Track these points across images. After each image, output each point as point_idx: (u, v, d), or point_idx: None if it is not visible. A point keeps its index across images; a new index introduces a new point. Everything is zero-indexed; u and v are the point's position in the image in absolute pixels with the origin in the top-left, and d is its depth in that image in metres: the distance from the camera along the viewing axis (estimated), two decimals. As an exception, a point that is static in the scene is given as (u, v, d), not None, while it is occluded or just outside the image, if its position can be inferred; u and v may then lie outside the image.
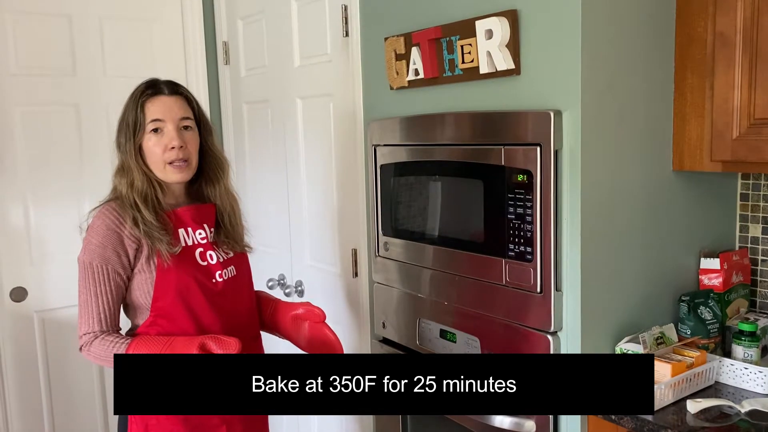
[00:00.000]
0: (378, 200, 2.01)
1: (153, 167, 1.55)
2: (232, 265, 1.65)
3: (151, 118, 1.53)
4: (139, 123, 1.53)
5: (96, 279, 1.50)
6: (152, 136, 1.53)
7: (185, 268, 1.54)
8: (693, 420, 1.37)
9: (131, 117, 1.53)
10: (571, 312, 1.51)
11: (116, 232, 1.50)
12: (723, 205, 1.80)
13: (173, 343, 1.43)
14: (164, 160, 1.54)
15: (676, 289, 1.69)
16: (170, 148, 1.53)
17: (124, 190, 1.54)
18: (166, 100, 1.56)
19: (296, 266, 2.54)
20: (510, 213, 1.57)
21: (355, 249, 2.20)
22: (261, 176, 2.71)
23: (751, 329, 1.56)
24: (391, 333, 2.06)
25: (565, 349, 1.52)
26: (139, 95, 1.56)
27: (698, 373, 1.48)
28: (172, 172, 1.56)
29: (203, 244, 1.60)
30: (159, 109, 1.54)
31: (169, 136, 1.53)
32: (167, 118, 1.54)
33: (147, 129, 1.53)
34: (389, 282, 2.02)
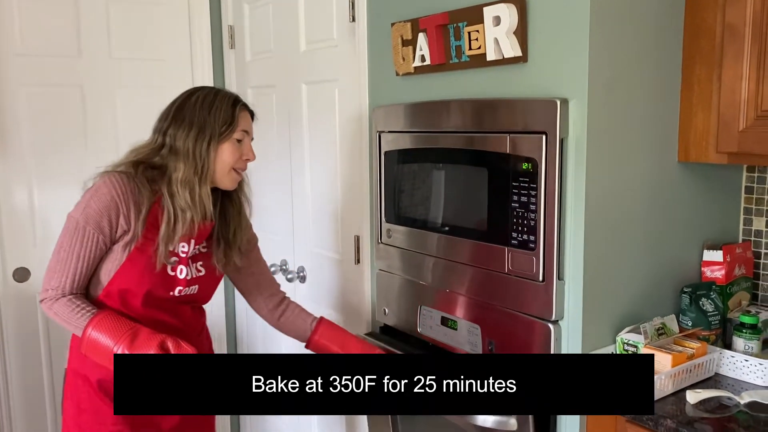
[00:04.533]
0: (381, 187, 2.01)
1: (215, 168, 1.58)
2: (197, 284, 1.65)
3: (243, 128, 1.60)
4: (232, 126, 1.57)
5: (83, 242, 1.51)
6: (234, 143, 1.59)
7: (150, 272, 1.55)
8: (692, 410, 1.37)
9: (224, 117, 1.56)
10: (572, 301, 1.51)
11: (118, 205, 1.50)
12: (727, 198, 1.80)
13: (137, 332, 1.44)
14: (233, 165, 1.60)
15: (679, 281, 1.69)
16: (244, 159, 1.62)
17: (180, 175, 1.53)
18: (250, 118, 1.66)
19: (299, 252, 2.54)
20: (514, 201, 1.57)
21: (357, 236, 2.20)
22: (265, 162, 2.70)
23: (752, 321, 1.56)
24: (392, 320, 2.06)
25: (566, 337, 1.52)
26: (234, 102, 1.60)
27: (698, 364, 1.49)
28: (231, 179, 1.62)
29: (181, 257, 1.60)
30: (248, 122, 1.64)
31: (248, 148, 1.63)
32: (250, 133, 1.65)
33: (235, 135, 1.58)
34: (391, 269, 2.03)
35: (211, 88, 1.65)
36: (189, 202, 1.53)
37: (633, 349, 1.51)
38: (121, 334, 1.43)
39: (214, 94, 1.60)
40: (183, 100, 1.60)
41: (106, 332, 1.44)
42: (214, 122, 1.55)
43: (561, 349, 1.53)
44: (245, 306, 2.96)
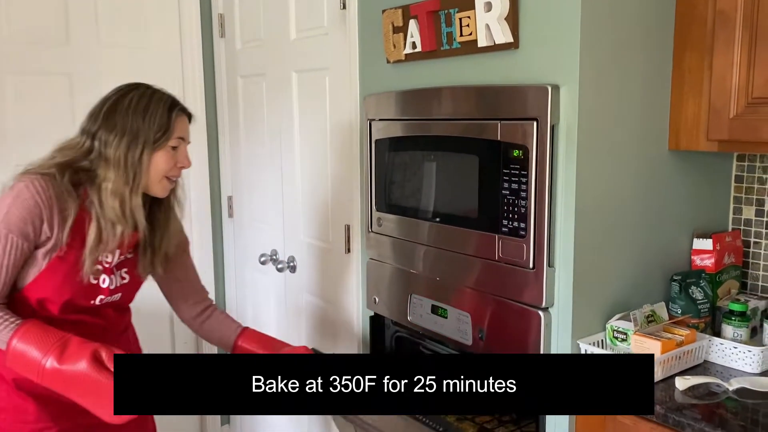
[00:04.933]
0: (372, 176, 2.00)
1: (147, 177, 1.48)
2: (120, 292, 1.57)
3: (179, 134, 1.50)
4: (168, 134, 1.47)
5: (6, 251, 1.39)
6: (169, 150, 1.49)
7: (71, 282, 1.45)
8: (681, 397, 1.38)
9: (159, 123, 1.46)
10: (563, 288, 1.51)
11: (41, 211, 1.39)
12: (717, 187, 1.80)
13: (67, 343, 1.32)
14: (166, 173, 1.50)
15: (668, 269, 1.69)
16: (179, 167, 1.52)
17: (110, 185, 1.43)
18: (187, 122, 1.56)
19: (289, 242, 2.53)
20: (504, 189, 1.56)
21: (348, 225, 2.19)
22: (255, 151, 2.69)
23: (741, 309, 1.56)
24: (382, 309, 2.06)
25: (556, 325, 1.52)
26: (170, 106, 1.50)
27: (688, 351, 1.49)
28: (163, 187, 1.52)
29: (105, 267, 1.51)
30: (184, 128, 1.53)
31: (183, 154, 1.53)
32: (187, 139, 1.54)
33: (170, 143, 1.48)
34: (382, 258, 2.02)
35: (146, 88, 1.51)
36: (119, 215, 1.43)
37: (623, 336, 1.51)
38: (50, 345, 1.31)
39: (149, 97, 1.48)
40: (115, 101, 1.47)
41: (33, 344, 1.32)
42: (148, 129, 1.44)
43: (551, 337, 1.53)
44: (235, 296, 2.95)
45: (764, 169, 1.75)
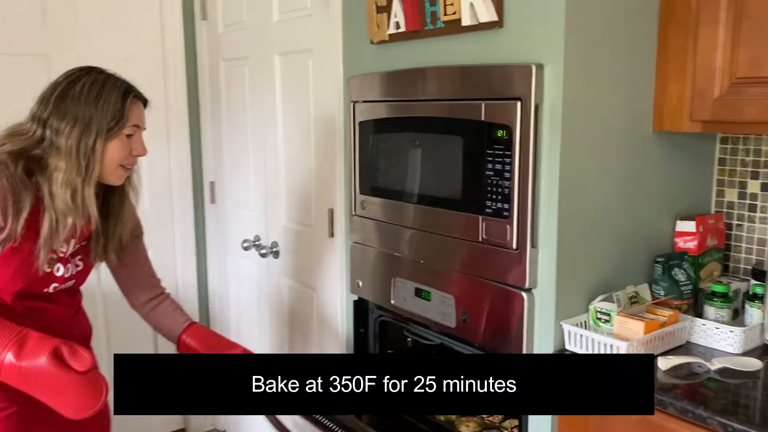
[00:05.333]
0: (356, 158, 1.98)
1: (101, 167, 1.42)
2: (75, 279, 1.54)
3: (134, 122, 1.44)
4: (122, 122, 1.41)
5: None
6: (124, 139, 1.43)
7: (25, 272, 1.41)
8: (664, 377, 1.38)
9: (113, 111, 1.39)
10: (546, 269, 1.50)
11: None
12: (701, 169, 1.80)
13: (26, 338, 1.26)
14: (121, 162, 1.45)
15: (652, 251, 1.69)
16: (134, 155, 1.47)
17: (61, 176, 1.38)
18: (143, 108, 1.49)
19: (272, 227, 2.51)
20: (488, 169, 1.55)
21: (331, 209, 2.17)
22: (238, 136, 2.66)
23: (723, 290, 1.56)
24: (366, 293, 2.04)
25: (540, 306, 1.51)
26: (124, 92, 1.43)
27: (670, 332, 1.49)
28: (118, 176, 1.47)
29: (60, 257, 1.48)
30: (139, 114, 1.47)
31: (138, 142, 1.47)
32: (142, 126, 1.48)
33: (124, 131, 1.42)
34: (365, 241, 2.00)
35: (98, 72, 1.43)
36: (70, 205, 1.38)
37: (606, 317, 1.50)
38: (7, 340, 1.25)
39: (101, 83, 1.40)
40: (66, 87, 1.40)
41: None
42: (101, 118, 1.38)
43: (534, 318, 1.52)
44: (218, 283, 2.92)
45: (747, 151, 1.75)
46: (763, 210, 1.74)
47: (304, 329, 2.39)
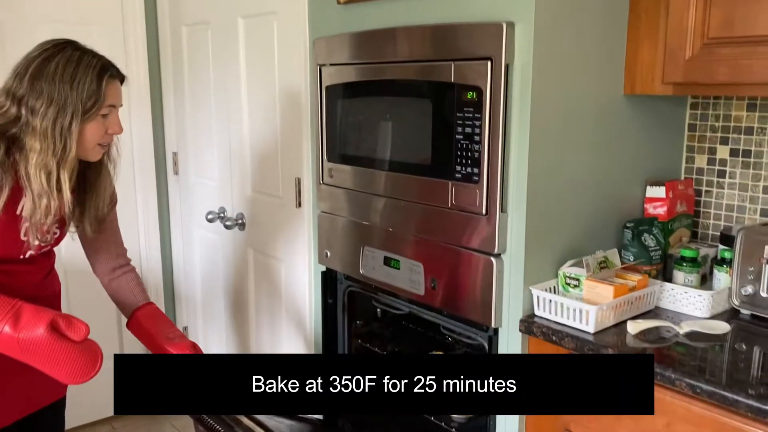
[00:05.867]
0: (323, 124, 1.92)
1: (77, 147, 1.40)
2: (50, 246, 1.53)
3: (110, 102, 1.42)
4: (98, 104, 1.38)
5: None
6: (99, 119, 1.40)
7: (4, 242, 1.41)
8: (633, 341, 1.37)
9: (89, 92, 1.37)
10: (515, 234, 1.47)
11: None
12: (671, 135, 1.79)
13: (20, 311, 1.29)
14: (98, 141, 1.43)
15: (621, 216, 1.68)
16: (110, 133, 1.45)
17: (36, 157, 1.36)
18: (120, 86, 1.46)
19: (237, 198, 2.44)
20: (458, 133, 1.51)
21: (298, 178, 2.11)
22: (201, 105, 2.58)
23: (692, 255, 1.56)
24: (334, 263, 2.00)
25: (509, 271, 1.49)
26: (100, 71, 1.39)
27: (639, 296, 1.48)
28: (96, 153, 1.45)
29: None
30: (116, 93, 1.44)
31: (114, 121, 1.44)
32: (118, 105, 1.46)
33: (101, 112, 1.40)
34: (333, 210, 1.95)
35: (74, 49, 1.39)
36: (45, 188, 1.37)
37: (575, 282, 1.49)
38: (3, 314, 1.27)
39: (76, 62, 1.37)
40: (40, 64, 1.36)
41: None
42: (77, 98, 1.36)
43: (503, 283, 1.50)
44: (182, 256, 2.85)
45: (717, 116, 1.74)
46: (731, 176, 1.74)
47: (272, 302, 2.34)
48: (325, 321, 2.08)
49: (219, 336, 2.69)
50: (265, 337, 2.41)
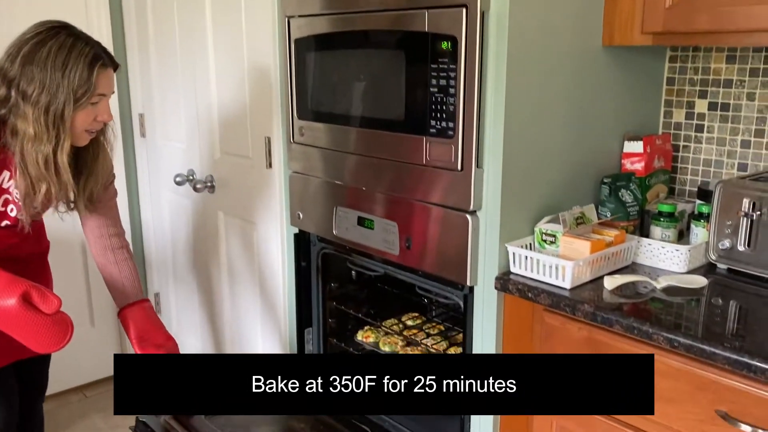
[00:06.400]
0: (292, 80, 1.85)
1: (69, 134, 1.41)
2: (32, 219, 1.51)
3: (101, 91, 1.41)
4: (89, 93, 1.38)
5: None
6: (89, 107, 1.40)
7: None
8: (609, 296, 1.35)
9: (80, 80, 1.36)
10: (491, 190, 1.43)
11: None
12: (649, 89, 1.75)
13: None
14: (86, 128, 1.43)
15: (599, 172, 1.65)
16: (99, 121, 1.45)
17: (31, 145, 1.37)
18: (112, 74, 1.45)
19: (206, 160, 2.37)
20: (432, 86, 1.45)
21: (268, 137, 2.04)
22: (166, 66, 2.47)
23: (669, 210, 1.53)
24: (307, 225, 1.95)
25: (484, 228, 1.45)
26: (92, 60, 1.38)
27: (616, 251, 1.46)
28: (84, 139, 1.45)
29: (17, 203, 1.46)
30: (107, 83, 1.43)
31: (104, 109, 1.44)
32: (109, 94, 1.46)
33: (91, 101, 1.40)
34: (305, 170, 1.90)
35: (68, 34, 1.38)
36: (44, 173, 1.38)
37: (551, 238, 1.46)
38: None
39: (68, 49, 1.36)
40: (33, 48, 1.35)
41: None
42: (68, 86, 1.36)
43: (479, 241, 1.47)
44: (152, 221, 2.78)
45: (696, 69, 1.71)
46: (709, 130, 1.71)
47: (245, 266, 2.29)
48: (299, 284, 2.04)
49: (191, 302, 2.64)
50: (238, 302, 2.36)
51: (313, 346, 2.09)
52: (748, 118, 1.64)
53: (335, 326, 2.09)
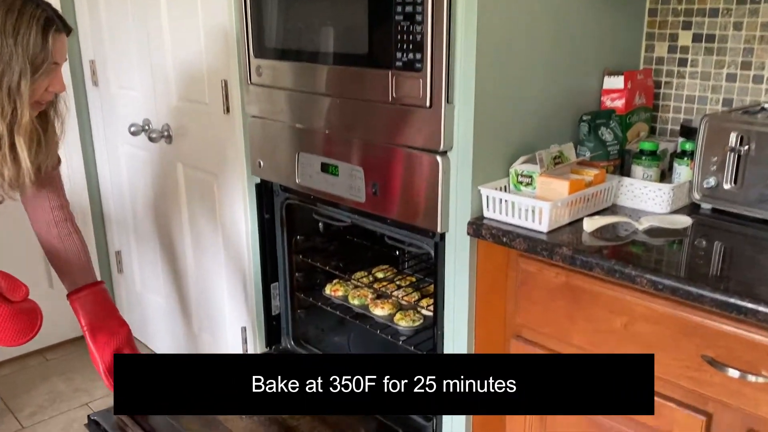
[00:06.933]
0: (247, 15, 1.70)
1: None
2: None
3: (55, 60, 1.27)
4: (45, 63, 1.24)
5: None
6: (43, 76, 1.26)
7: None
8: (589, 238, 1.26)
9: (34, 49, 1.22)
10: (463, 128, 1.32)
11: None
12: (630, 21, 1.64)
13: None
14: (37, 99, 1.29)
15: (577, 110, 1.54)
16: (50, 91, 1.31)
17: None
18: (65, 40, 1.31)
19: (162, 108, 2.22)
20: (398, 13, 1.33)
21: (224, 80, 1.90)
22: (116, 7, 2.29)
23: (652, 148, 1.44)
24: (268, 173, 1.83)
25: (455, 170, 1.35)
26: (45, 26, 1.24)
27: (596, 192, 1.37)
28: (33, 111, 1.30)
29: None
30: (62, 49, 1.30)
31: (58, 78, 1.31)
32: (62, 62, 1.31)
33: (47, 70, 1.25)
34: (264, 114, 1.77)
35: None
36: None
37: (527, 180, 1.36)
38: None
39: (18, 12, 1.23)
40: None
41: None
42: (23, 55, 1.22)
43: (450, 184, 1.36)
44: (109, 176, 2.63)
45: (680, -1, 1.60)
46: (693, 64, 1.61)
47: (206, 220, 2.17)
48: (263, 238, 1.93)
49: (154, 259, 2.52)
50: (202, 258, 2.25)
51: (280, 301, 2.00)
52: (735, 50, 1.54)
53: (302, 280, 2.00)
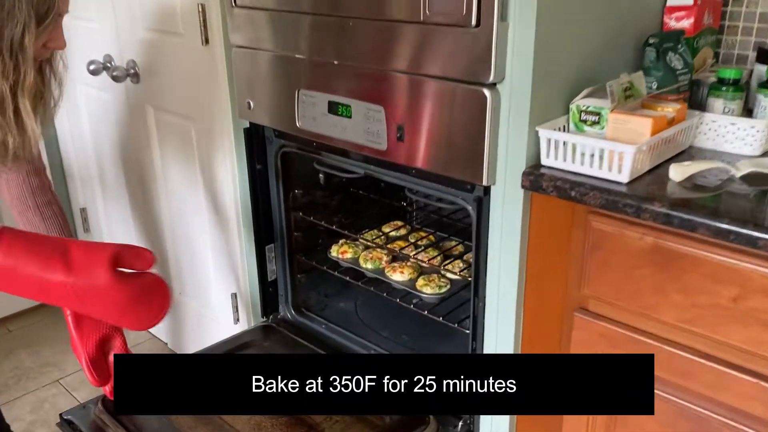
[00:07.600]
0: None
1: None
2: None
3: (61, 11, 1.09)
4: (52, 11, 1.05)
5: None
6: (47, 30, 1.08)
7: None
8: (679, 190, 1.02)
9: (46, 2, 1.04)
10: (519, 54, 1.05)
11: None
12: None
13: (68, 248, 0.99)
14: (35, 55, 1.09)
15: (637, 33, 1.28)
16: (50, 47, 1.12)
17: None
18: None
19: (126, 41, 1.88)
20: None
21: (202, 4, 1.58)
22: None
23: (736, 76, 1.19)
24: (260, 116, 1.54)
25: (508, 107, 1.08)
26: None
27: (679, 131, 1.12)
28: None
29: None
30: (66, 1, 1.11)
31: (59, 32, 1.12)
32: (65, 12, 1.11)
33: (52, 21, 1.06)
34: (252, 43, 1.46)
35: None
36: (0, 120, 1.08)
37: (594, 117, 1.10)
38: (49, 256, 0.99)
39: None
40: None
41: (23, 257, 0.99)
42: (26, 3, 1.02)
43: (499, 125, 1.10)
44: (69, 125, 2.31)
45: None
46: (772, -26, 1.35)
47: (185, 172, 1.88)
48: (255, 193, 1.65)
49: (124, 218, 2.22)
50: (181, 218, 1.97)
51: (277, 265, 1.74)
52: (825, -44, 1.28)
53: (302, 241, 1.74)
